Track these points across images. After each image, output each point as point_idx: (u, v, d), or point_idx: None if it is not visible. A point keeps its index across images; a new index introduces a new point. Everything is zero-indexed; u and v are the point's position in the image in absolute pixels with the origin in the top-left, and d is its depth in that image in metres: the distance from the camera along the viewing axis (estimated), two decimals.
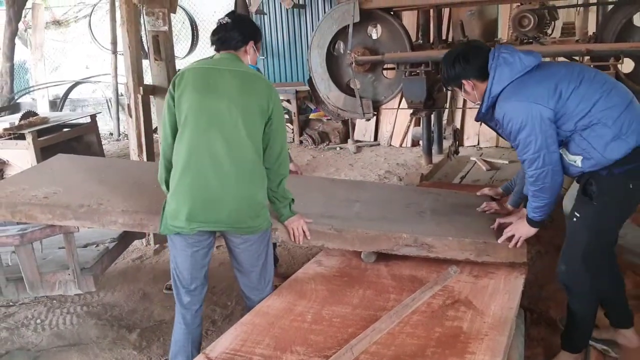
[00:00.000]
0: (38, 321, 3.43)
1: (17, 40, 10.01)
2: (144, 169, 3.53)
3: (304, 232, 2.64)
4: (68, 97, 11.04)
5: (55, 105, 10.85)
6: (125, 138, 10.29)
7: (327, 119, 8.12)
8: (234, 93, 2.36)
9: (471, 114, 7.21)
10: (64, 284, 2.90)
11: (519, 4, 4.85)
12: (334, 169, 6.80)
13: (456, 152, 6.30)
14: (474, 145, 7.22)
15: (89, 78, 11.06)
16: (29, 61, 11.33)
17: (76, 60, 11.26)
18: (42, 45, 10.57)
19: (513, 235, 2.51)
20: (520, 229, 2.50)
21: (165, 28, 4.34)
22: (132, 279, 3.97)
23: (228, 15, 2.52)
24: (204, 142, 2.32)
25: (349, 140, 7.87)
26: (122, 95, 10.55)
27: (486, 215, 2.93)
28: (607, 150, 2.24)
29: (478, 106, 2.51)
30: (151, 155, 4.49)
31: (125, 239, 3.40)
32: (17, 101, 10.97)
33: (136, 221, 2.71)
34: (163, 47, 4.39)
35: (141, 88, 4.35)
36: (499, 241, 2.54)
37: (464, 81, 2.48)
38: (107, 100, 10.75)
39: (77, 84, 11.06)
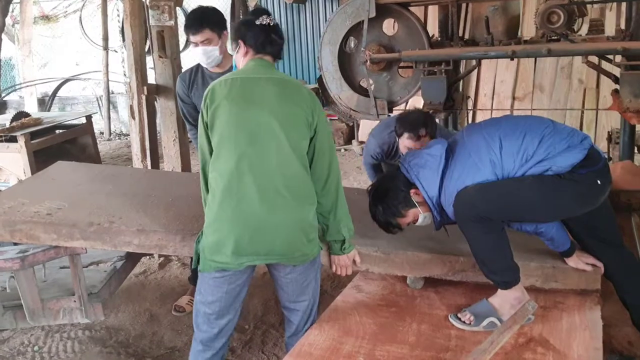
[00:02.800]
0: (36, 348, 3.07)
1: (2, 36, 9.57)
2: (154, 179, 3.19)
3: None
4: (57, 94, 10.61)
5: (44, 103, 10.43)
6: (117, 138, 9.92)
7: (331, 119, 7.80)
8: (274, 102, 2.04)
9: (483, 115, 6.94)
10: (69, 311, 2.58)
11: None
12: (342, 172, 6.44)
13: None
14: None
15: (79, 75, 10.65)
16: (14, 57, 10.90)
17: (65, 57, 10.84)
18: (30, 41, 10.13)
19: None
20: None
21: (172, 22, 3.99)
22: (137, 298, 3.63)
23: (268, 15, 2.20)
24: (245, 163, 2.00)
25: (354, 142, 7.50)
26: (112, 93, 10.18)
27: None
28: (564, 159, 2.07)
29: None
30: (156, 162, 4.17)
31: (133, 256, 3.07)
32: (4, 99, 10.55)
33: (154, 242, 2.39)
34: (168, 43, 4.04)
35: (145, 87, 3.99)
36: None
37: (413, 194, 2.23)
38: (97, 98, 10.36)
39: (66, 81, 10.64)
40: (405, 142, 3.20)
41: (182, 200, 2.71)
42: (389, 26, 5.06)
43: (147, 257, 4.12)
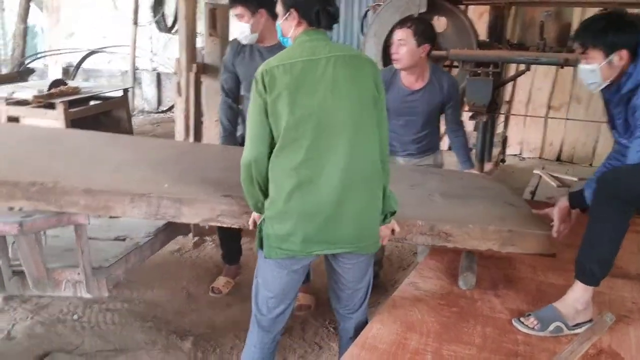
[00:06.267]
0: (75, 317, 3.07)
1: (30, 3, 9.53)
2: (99, 142, 3.05)
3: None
4: (81, 66, 10.58)
5: (68, 73, 10.39)
6: (140, 114, 9.90)
7: None
8: (339, 86, 1.93)
9: (516, 121, 6.89)
10: (73, 284, 2.49)
11: (603, 10, 4.51)
12: None
13: (503, 160, 6.00)
14: (516, 155, 6.90)
15: (105, 48, 10.61)
16: (38, 25, 10.86)
17: (93, 28, 10.79)
18: (58, 9, 10.10)
19: None
20: None
21: (226, 1, 3.94)
22: (173, 276, 3.62)
23: None
24: (314, 154, 1.93)
25: None
26: (137, 69, 10.16)
27: (503, 200, 2.73)
28: None
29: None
30: (198, 141, 4.13)
31: (165, 234, 3.00)
32: (28, 66, 10.51)
33: (101, 203, 2.28)
34: (220, 22, 4.00)
35: (194, 65, 3.96)
36: None
37: (624, 50, 2.13)
38: (122, 73, 10.33)
39: (92, 52, 10.60)
40: (395, 36, 3.04)
41: (130, 164, 2.63)
42: (437, 23, 5.02)
43: (182, 236, 4.11)
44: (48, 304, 3.15)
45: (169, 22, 9.85)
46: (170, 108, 9.76)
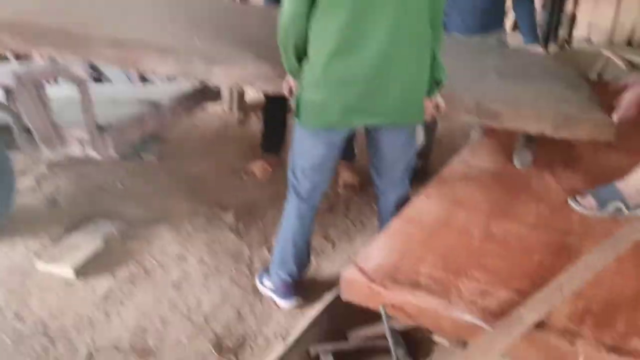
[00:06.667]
0: (119, 186, 3.09)
1: None
2: None
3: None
4: None
5: None
6: None
7: None
8: None
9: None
10: (79, 142, 2.40)
11: None
12: None
13: (569, 41, 5.58)
14: (584, 36, 6.39)
15: None
16: None
17: None
18: None
19: None
20: None
21: None
22: (217, 151, 3.58)
23: None
24: (362, 14, 1.74)
25: None
26: None
27: (565, 81, 2.52)
28: None
29: None
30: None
31: (191, 99, 2.89)
32: None
33: (128, 56, 2.09)
34: None
35: None
36: None
37: None
38: None
39: None
40: None
41: (165, 17, 2.42)
42: None
43: (227, 112, 4.05)
44: (91, 173, 3.17)
45: None
46: None
